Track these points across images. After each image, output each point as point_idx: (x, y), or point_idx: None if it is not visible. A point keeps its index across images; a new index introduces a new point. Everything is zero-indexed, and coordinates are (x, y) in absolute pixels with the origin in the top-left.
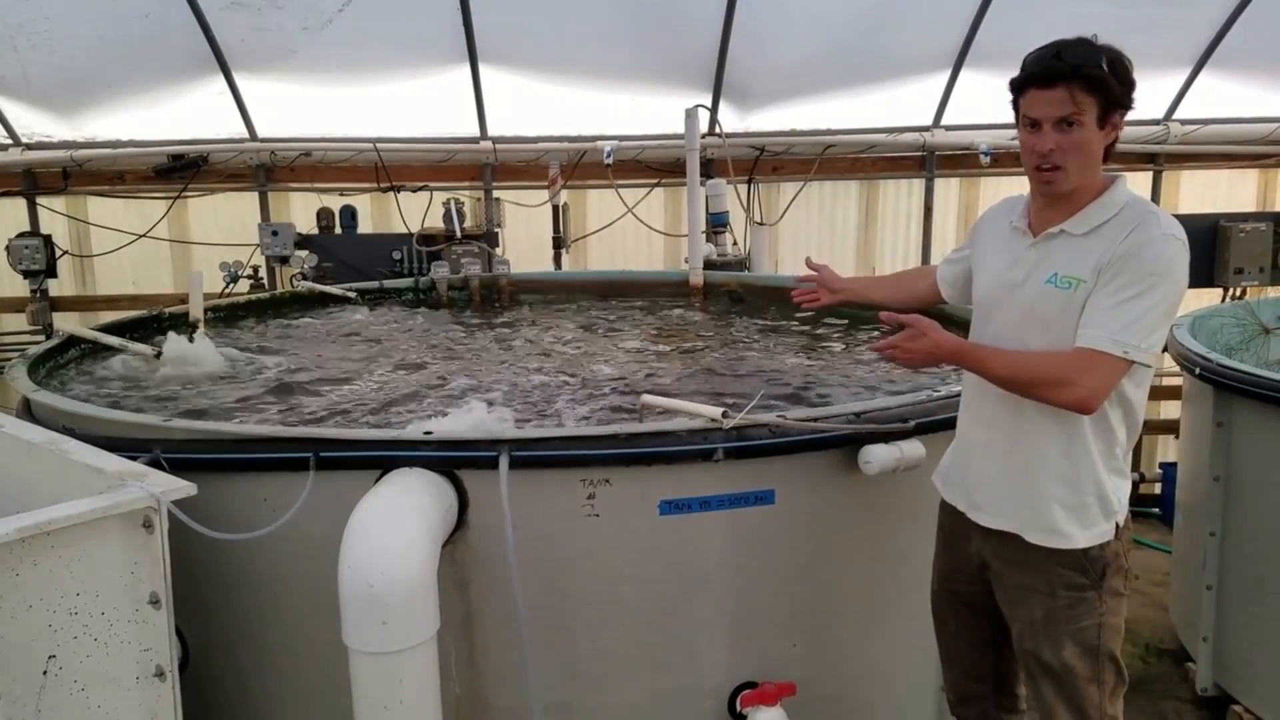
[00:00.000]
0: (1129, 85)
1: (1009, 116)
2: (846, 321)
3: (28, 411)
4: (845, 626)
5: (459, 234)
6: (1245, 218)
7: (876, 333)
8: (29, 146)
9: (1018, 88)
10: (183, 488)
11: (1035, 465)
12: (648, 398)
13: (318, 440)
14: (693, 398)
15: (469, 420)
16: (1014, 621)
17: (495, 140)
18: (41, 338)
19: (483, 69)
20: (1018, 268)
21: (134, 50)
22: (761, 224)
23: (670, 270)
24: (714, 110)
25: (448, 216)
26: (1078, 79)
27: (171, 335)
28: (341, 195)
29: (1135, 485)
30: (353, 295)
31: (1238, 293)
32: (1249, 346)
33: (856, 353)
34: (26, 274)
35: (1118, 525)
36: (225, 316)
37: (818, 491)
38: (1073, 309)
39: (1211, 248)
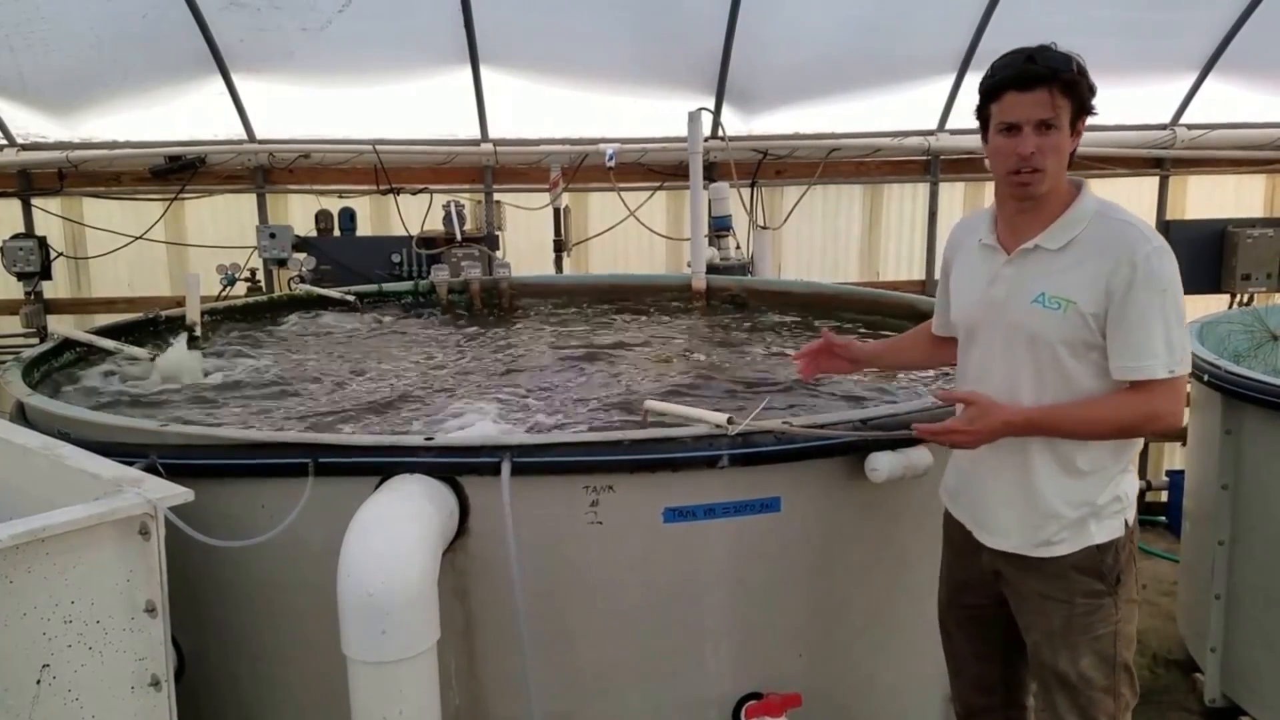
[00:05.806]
0: (1093, 91)
1: None
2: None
3: (22, 416)
4: (852, 636)
5: (459, 237)
6: (1253, 223)
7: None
8: (24, 147)
9: (991, 92)
10: (180, 494)
11: (1035, 479)
12: (651, 403)
13: (316, 446)
14: (697, 403)
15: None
16: (1030, 632)
17: (496, 142)
18: (36, 341)
19: (484, 70)
20: (998, 285)
21: (131, 50)
22: (765, 228)
23: (672, 274)
24: (717, 113)
25: (448, 219)
26: (1056, 81)
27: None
28: (340, 197)
29: (1141, 493)
30: (351, 298)
31: (1245, 298)
32: (1257, 353)
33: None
34: (21, 276)
35: (1126, 522)
36: (222, 319)
37: (824, 499)
38: (1068, 329)
39: (1219, 253)
